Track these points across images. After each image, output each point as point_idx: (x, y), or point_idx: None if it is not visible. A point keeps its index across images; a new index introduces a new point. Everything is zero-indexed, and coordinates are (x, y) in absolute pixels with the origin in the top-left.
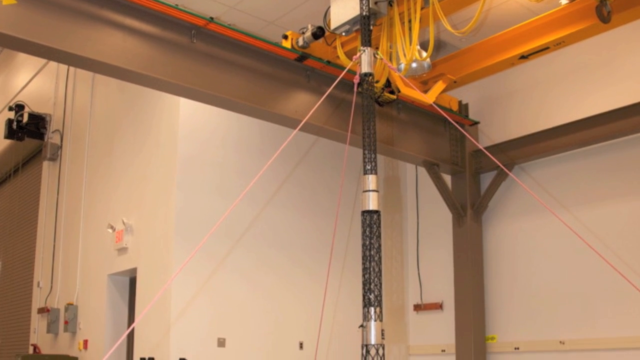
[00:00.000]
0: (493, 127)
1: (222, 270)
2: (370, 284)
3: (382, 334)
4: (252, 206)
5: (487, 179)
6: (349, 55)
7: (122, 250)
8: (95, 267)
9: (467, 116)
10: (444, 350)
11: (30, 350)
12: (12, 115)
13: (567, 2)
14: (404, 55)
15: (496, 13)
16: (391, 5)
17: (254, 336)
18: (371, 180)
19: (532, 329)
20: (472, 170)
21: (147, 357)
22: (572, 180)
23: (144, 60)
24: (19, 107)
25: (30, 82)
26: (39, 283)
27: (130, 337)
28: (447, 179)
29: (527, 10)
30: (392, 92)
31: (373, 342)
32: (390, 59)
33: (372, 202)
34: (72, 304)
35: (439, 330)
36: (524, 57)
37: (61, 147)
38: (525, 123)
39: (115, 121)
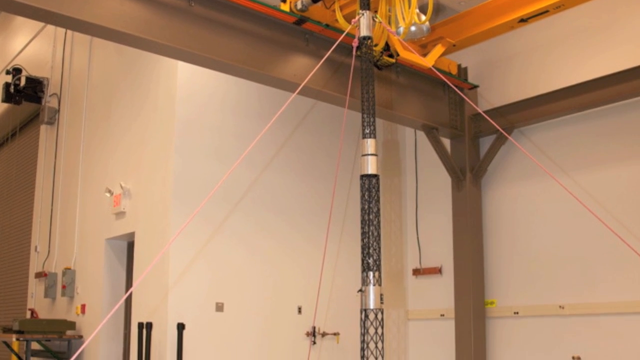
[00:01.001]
0: (492, 91)
1: (220, 235)
2: (369, 248)
3: (381, 299)
4: (250, 170)
5: (486, 142)
6: (348, 18)
7: (120, 214)
8: (93, 231)
9: (466, 80)
10: (443, 315)
11: (28, 315)
12: (9, 78)
13: None
14: (403, 18)
15: None
16: None
17: (252, 301)
18: (370, 144)
19: (531, 294)
20: (471, 134)
21: (144, 322)
22: (572, 144)
23: (142, 23)
24: (16, 71)
25: (28, 45)
26: (36, 247)
27: (128, 302)
28: (446, 142)
29: None
30: (390, 56)
31: (372, 306)
32: (389, 23)
33: (371, 166)
34: (69, 269)
35: (438, 295)
36: (523, 20)
37: (59, 110)
38: (525, 87)
39: (113, 85)
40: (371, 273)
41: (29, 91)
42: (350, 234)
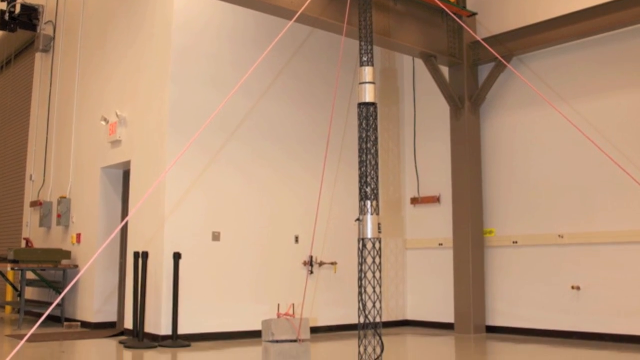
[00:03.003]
0: (491, 18)
1: (217, 163)
2: (366, 176)
3: (379, 228)
4: (247, 98)
5: (484, 70)
6: None
7: (116, 142)
8: (88, 159)
9: (464, 7)
10: (441, 244)
11: (23, 244)
12: (4, 6)
13: None
14: None
15: None
16: None
17: (249, 230)
18: (367, 72)
19: (530, 223)
20: (469, 62)
21: (140, 251)
22: (571, 72)
23: None
24: None
25: None
26: (31, 176)
27: (124, 231)
28: (445, 70)
29: None
30: None
31: (369, 235)
32: None
33: (368, 94)
34: (64, 197)
35: (436, 224)
36: None
37: (54, 38)
38: (524, 14)
39: (109, 12)
40: (369, 202)
41: (24, 18)
42: (347, 163)
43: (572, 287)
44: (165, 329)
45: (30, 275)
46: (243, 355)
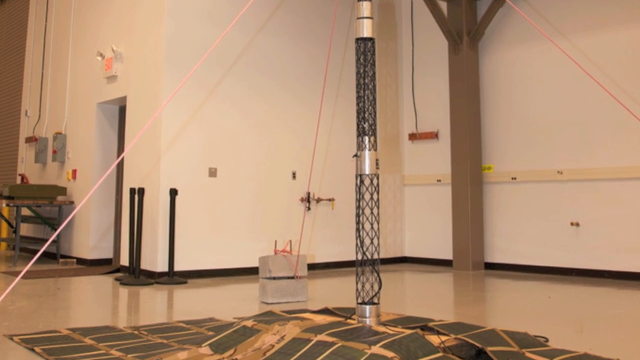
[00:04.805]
0: None
1: (213, 99)
2: (364, 112)
3: (377, 164)
4: (244, 33)
5: (483, 5)
6: None
7: (112, 78)
8: (84, 95)
9: None
10: (440, 180)
11: (18, 180)
12: None
13: None
14: None
15: None
16: None
17: (246, 166)
18: (365, 7)
19: (529, 159)
20: None
21: (136, 188)
22: (571, 7)
23: None
24: None
25: None
26: (26, 112)
27: (120, 168)
28: (443, 5)
29: None
30: None
31: (367, 171)
32: None
33: (366, 29)
34: (60, 133)
35: (435, 160)
36: None
37: None
38: None
39: None
40: (367, 138)
41: None
42: (345, 98)
43: (572, 224)
44: (161, 266)
45: (25, 211)
46: (240, 292)
